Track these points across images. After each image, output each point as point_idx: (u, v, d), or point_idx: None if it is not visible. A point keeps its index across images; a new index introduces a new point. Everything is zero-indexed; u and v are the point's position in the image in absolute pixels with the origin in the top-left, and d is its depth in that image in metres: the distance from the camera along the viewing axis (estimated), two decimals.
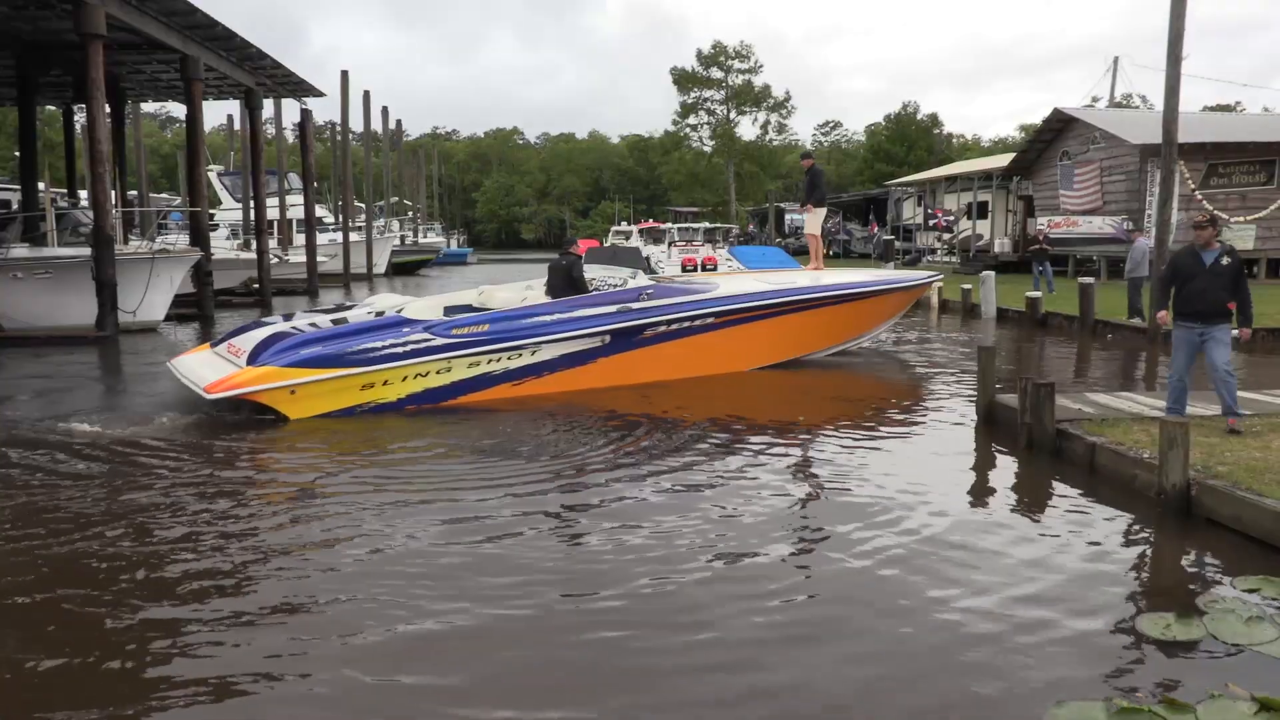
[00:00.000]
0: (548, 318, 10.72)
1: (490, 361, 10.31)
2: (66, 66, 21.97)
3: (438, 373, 10.03)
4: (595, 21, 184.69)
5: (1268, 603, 4.83)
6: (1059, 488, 7.19)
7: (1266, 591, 4.96)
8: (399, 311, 10.81)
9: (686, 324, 11.51)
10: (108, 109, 18.68)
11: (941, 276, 21.49)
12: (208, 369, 9.86)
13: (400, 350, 9.79)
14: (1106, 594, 5.03)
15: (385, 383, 9.74)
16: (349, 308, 11.81)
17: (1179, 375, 7.95)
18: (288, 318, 11.37)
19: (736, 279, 14.13)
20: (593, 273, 11.97)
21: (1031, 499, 7.07)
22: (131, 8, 17.79)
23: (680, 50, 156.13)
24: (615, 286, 11.67)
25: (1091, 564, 5.49)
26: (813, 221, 15.28)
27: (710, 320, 11.68)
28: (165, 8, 18.58)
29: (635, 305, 11.22)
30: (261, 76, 25.65)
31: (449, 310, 11.31)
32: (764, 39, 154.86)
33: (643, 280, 11.87)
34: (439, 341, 10.00)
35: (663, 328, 11.36)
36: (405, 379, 9.84)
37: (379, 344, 9.75)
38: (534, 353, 10.56)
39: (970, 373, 11.70)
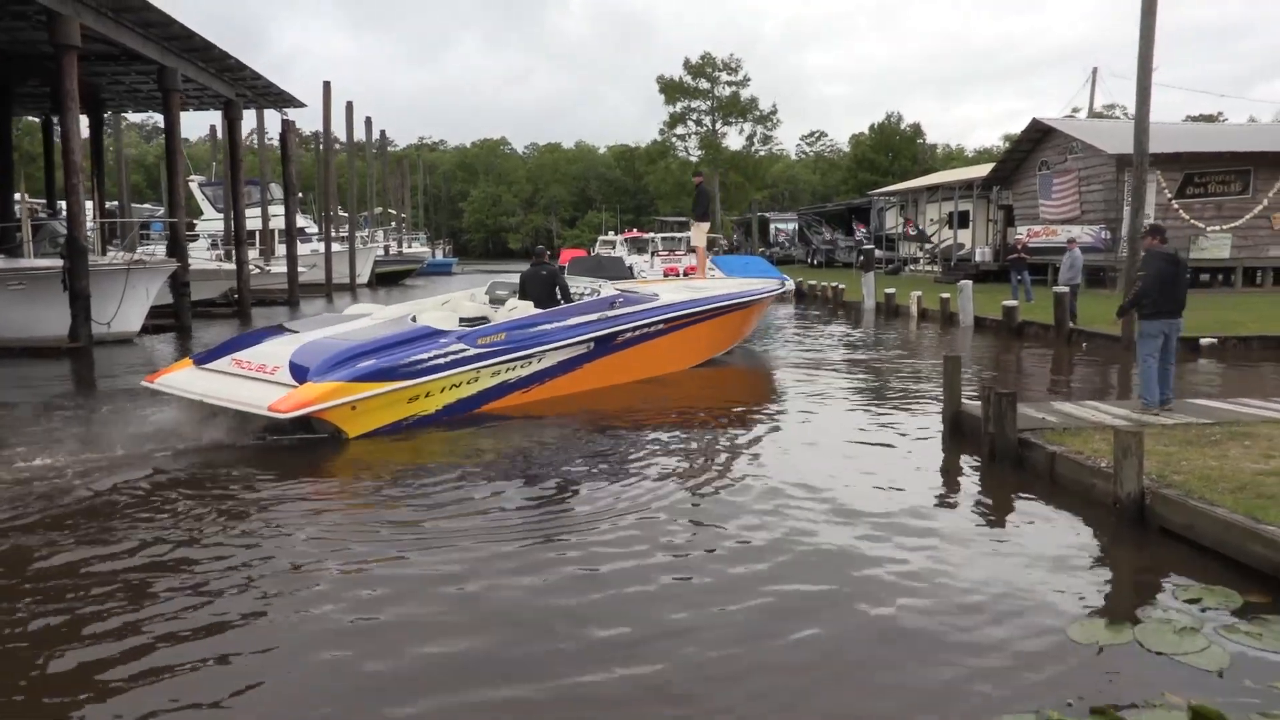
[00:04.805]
0: (549, 326, 11.08)
1: (508, 370, 10.56)
2: (44, 77, 21.89)
3: (468, 382, 10.17)
4: (564, 25, 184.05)
5: (1206, 614, 4.84)
6: (1019, 497, 7.20)
7: (1208, 602, 4.97)
8: (414, 320, 10.96)
9: (647, 329, 12.35)
10: (86, 120, 18.60)
11: (791, 283, 19.46)
12: (232, 388, 9.09)
13: (443, 361, 9.83)
14: (1047, 605, 5.03)
15: (427, 394, 9.74)
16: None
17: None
18: (276, 330, 10.80)
19: (668, 288, 14.51)
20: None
21: (991, 509, 7.07)
22: (107, 19, 17.75)
23: (657, 56, 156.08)
24: (587, 296, 12.32)
25: (1040, 575, 5.49)
26: (698, 235, 17.11)
27: (662, 326, 12.62)
28: (142, 19, 18.54)
29: (612, 312, 11.85)
30: (241, 87, 25.60)
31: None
32: (738, 43, 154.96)
33: (610, 290, 12.53)
34: (472, 351, 10.15)
35: (630, 333, 12.05)
36: (443, 390, 9.89)
37: (425, 355, 9.72)
38: (540, 360, 10.91)
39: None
